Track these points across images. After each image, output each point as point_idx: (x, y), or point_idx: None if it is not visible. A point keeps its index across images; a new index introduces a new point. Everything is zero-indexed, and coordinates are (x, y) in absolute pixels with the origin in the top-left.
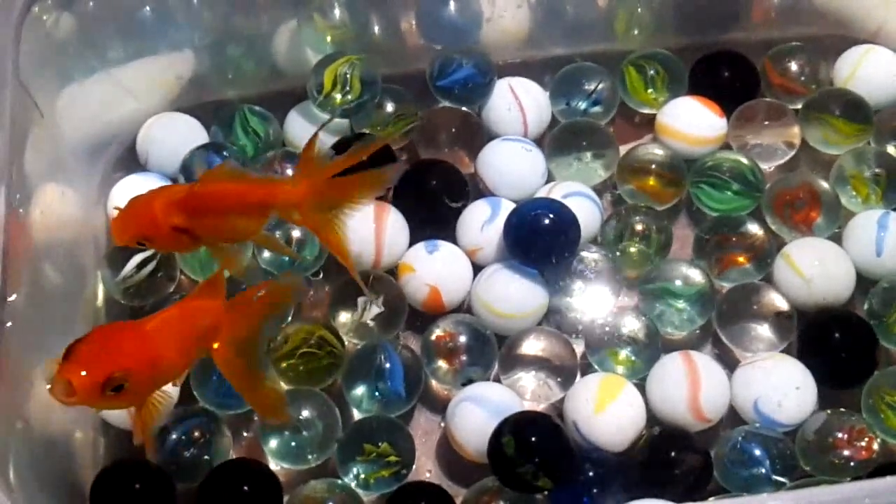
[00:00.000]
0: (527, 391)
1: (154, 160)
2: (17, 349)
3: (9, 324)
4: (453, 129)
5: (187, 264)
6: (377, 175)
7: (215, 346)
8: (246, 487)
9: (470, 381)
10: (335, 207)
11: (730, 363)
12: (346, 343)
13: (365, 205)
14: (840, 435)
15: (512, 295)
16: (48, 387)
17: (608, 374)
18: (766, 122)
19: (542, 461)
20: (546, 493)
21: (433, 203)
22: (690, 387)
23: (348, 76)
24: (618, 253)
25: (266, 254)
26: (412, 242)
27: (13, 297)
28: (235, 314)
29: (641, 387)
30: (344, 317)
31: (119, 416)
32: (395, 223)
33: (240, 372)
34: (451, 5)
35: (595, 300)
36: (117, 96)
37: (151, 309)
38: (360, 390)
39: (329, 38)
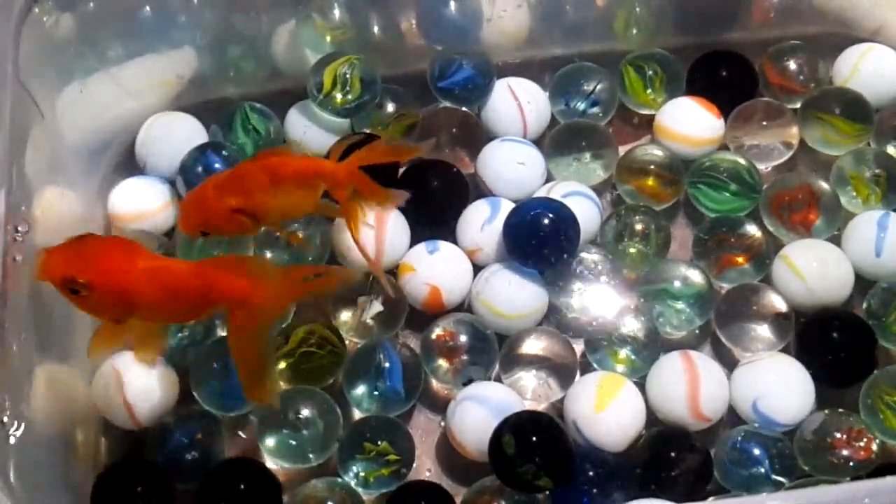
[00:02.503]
0: (527, 391)
1: (154, 160)
2: (17, 349)
3: (8, 324)
4: (453, 130)
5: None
6: (395, 194)
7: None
8: (245, 487)
9: (470, 381)
10: (369, 192)
11: (729, 363)
12: (347, 342)
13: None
14: (838, 435)
15: (512, 295)
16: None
17: (608, 373)
18: (764, 123)
19: (543, 461)
20: (546, 492)
21: (434, 203)
22: (690, 386)
23: (348, 76)
24: (617, 253)
25: (269, 254)
26: (413, 242)
27: (13, 298)
28: (275, 286)
29: (641, 386)
30: (344, 315)
31: (119, 417)
32: (396, 223)
33: (249, 344)
34: (451, 5)
35: (595, 300)
36: (117, 96)
37: None
38: (360, 389)
39: (328, 38)
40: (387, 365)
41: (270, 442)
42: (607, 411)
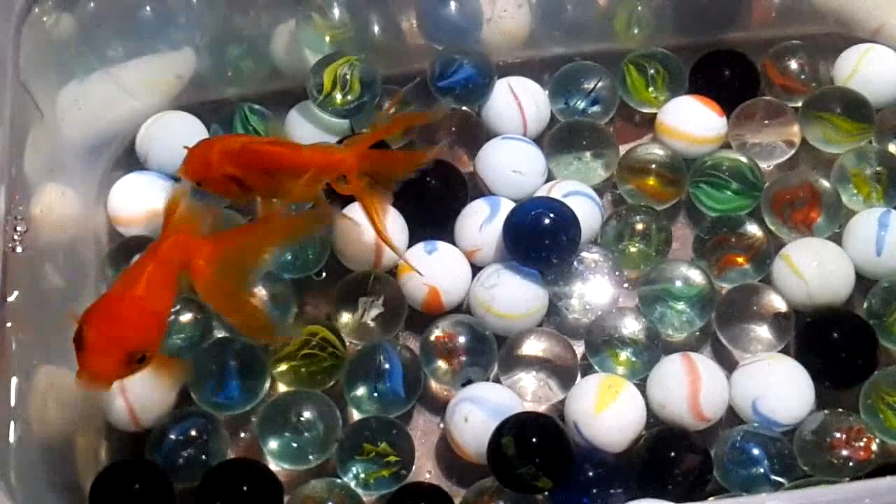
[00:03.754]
0: (527, 392)
1: (154, 159)
2: (17, 349)
3: (9, 324)
4: (453, 129)
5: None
6: (418, 153)
7: (195, 272)
8: (245, 487)
9: (469, 382)
10: (379, 179)
11: (729, 363)
12: (347, 344)
13: (405, 178)
14: (838, 435)
15: (512, 295)
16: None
17: (608, 374)
18: (766, 121)
19: (542, 461)
20: (546, 493)
21: (433, 203)
22: (691, 387)
23: (348, 76)
24: (618, 253)
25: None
26: (411, 243)
27: (13, 297)
28: (217, 241)
29: (642, 387)
30: (345, 317)
31: (120, 418)
32: (395, 223)
33: (221, 294)
34: (451, 5)
35: (595, 301)
36: (117, 96)
37: None
38: (360, 391)
39: (328, 39)
40: (387, 366)
41: (272, 444)
42: (607, 413)
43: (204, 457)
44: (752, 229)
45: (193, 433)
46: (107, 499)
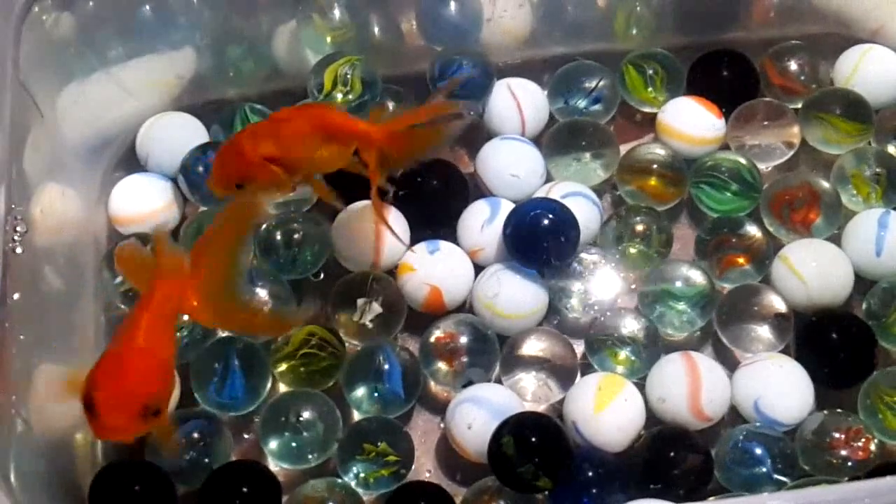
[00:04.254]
0: (527, 392)
1: (154, 160)
2: (17, 349)
3: (8, 324)
4: None
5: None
6: (442, 129)
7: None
8: (246, 489)
9: (470, 383)
10: (402, 157)
11: (730, 363)
12: (346, 345)
13: (429, 156)
14: (837, 435)
15: (512, 295)
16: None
17: (608, 374)
18: (766, 122)
19: (542, 461)
20: (546, 493)
21: (433, 203)
22: (691, 386)
23: (349, 76)
24: (618, 254)
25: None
26: (412, 242)
27: (13, 298)
28: (198, 268)
29: (641, 386)
30: (344, 318)
31: None
32: (396, 223)
33: (222, 316)
34: (451, 5)
35: (595, 301)
36: (117, 96)
37: None
38: (359, 392)
39: (329, 39)
40: (386, 367)
41: (272, 444)
42: (607, 412)
43: (206, 458)
44: (752, 230)
45: (196, 435)
46: (106, 499)
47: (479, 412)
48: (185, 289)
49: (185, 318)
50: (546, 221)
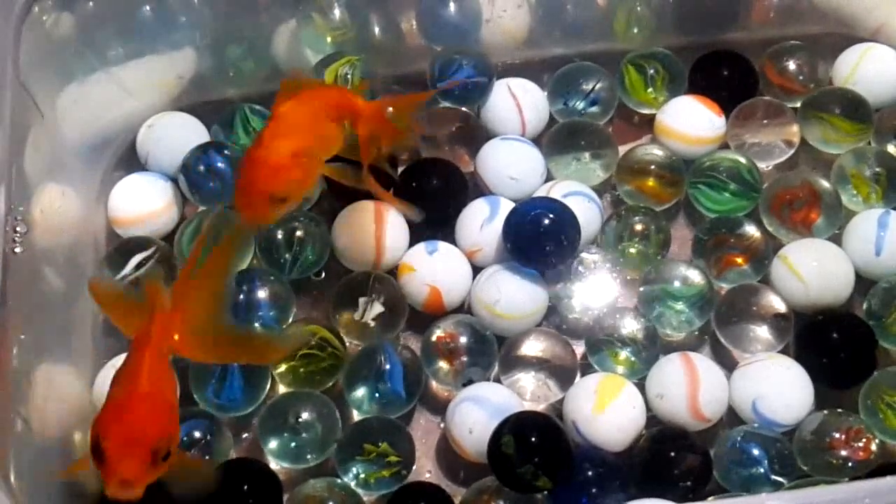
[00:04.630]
0: (526, 392)
1: (155, 160)
2: (17, 349)
3: (8, 324)
4: (453, 129)
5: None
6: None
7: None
8: (247, 487)
9: (470, 382)
10: (385, 135)
11: (729, 364)
12: (347, 344)
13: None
14: (837, 435)
15: (512, 295)
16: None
17: (608, 374)
18: (765, 121)
19: (542, 461)
20: (546, 493)
21: (433, 203)
22: (690, 387)
23: (349, 76)
24: (617, 253)
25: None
26: (412, 242)
27: (13, 298)
28: (182, 304)
29: (641, 387)
30: (345, 318)
31: None
32: (396, 223)
33: (208, 350)
34: (451, 5)
35: (595, 301)
36: (117, 96)
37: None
38: (360, 392)
39: (329, 39)
40: (387, 367)
41: (271, 444)
42: (607, 413)
43: (207, 457)
44: (751, 230)
45: (196, 434)
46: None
47: (479, 412)
48: (176, 330)
49: None
50: (546, 221)
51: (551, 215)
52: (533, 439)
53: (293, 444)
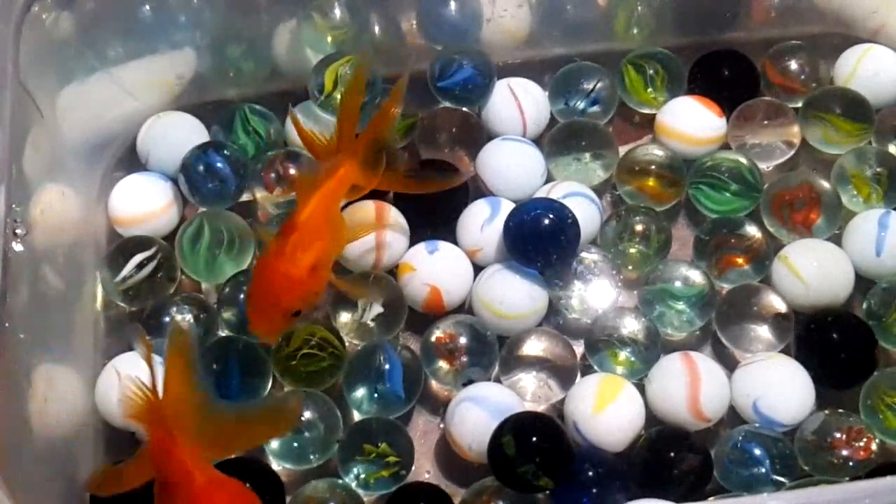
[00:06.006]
0: (527, 392)
1: (155, 159)
2: (17, 349)
3: (8, 324)
4: (453, 130)
5: (188, 265)
6: (389, 101)
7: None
8: (249, 487)
9: (470, 382)
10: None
11: (729, 363)
12: (347, 344)
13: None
14: (838, 435)
15: (512, 295)
16: None
17: (608, 374)
18: (766, 122)
19: (542, 461)
20: (546, 493)
21: (434, 203)
22: (690, 387)
23: (349, 76)
24: (617, 254)
25: None
26: (412, 242)
27: (13, 298)
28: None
29: (641, 387)
30: (345, 317)
31: (119, 417)
32: (397, 223)
33: (216, 443)
34: (451, 5)
35: (595, 301)
36: (117, 96)
37: (151, 312)
38: (360, 392)
39: (329, 39)
40: (387, 367)
41: (273, 443)
42: (607, 413)
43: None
44: (752, 230)
45: None
46: (107, 499)
47: (479, 412)
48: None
49: None
50: (546, 221)
51: (551, 215)
52: (533, 439)
53: (295, 444)
